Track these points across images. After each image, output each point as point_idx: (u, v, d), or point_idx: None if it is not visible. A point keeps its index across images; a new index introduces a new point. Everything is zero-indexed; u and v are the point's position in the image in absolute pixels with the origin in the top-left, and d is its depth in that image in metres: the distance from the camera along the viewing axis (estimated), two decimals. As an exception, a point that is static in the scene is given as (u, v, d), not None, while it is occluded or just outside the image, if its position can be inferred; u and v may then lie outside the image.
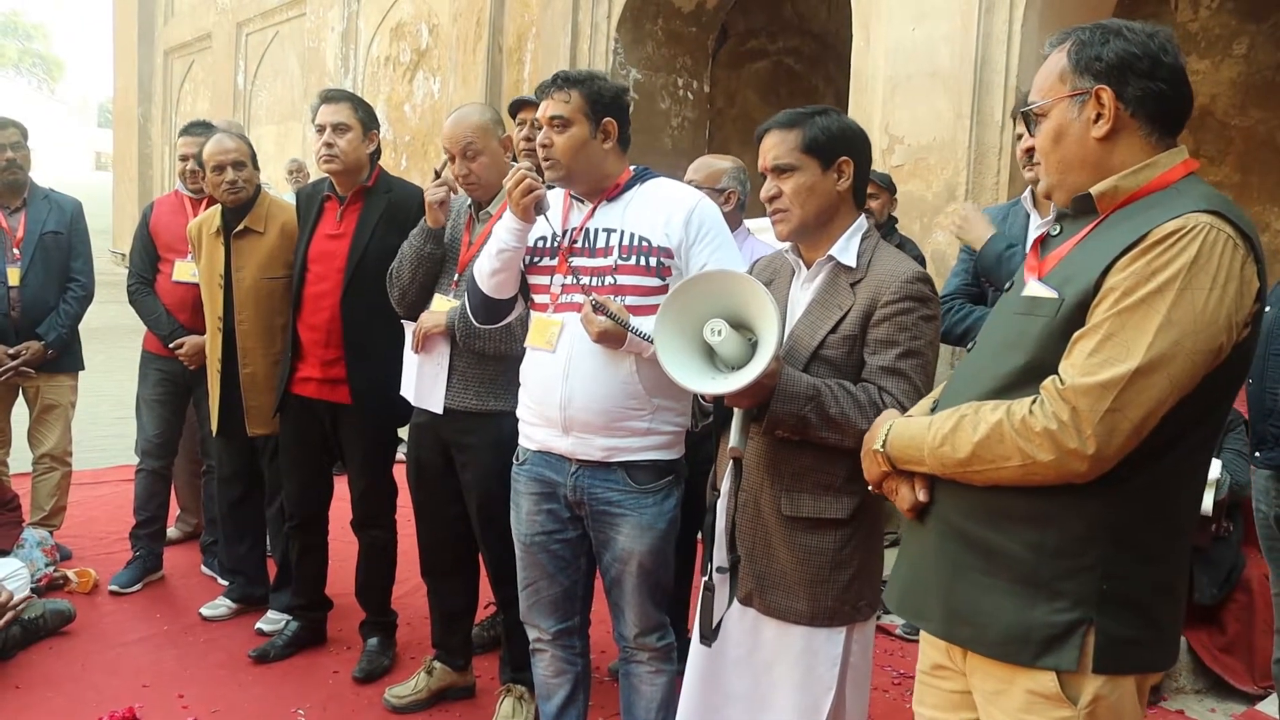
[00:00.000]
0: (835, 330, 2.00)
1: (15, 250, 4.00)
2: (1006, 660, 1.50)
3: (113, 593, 3.94)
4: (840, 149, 2.03)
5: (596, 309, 2.19)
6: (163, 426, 4.06)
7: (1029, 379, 1.47)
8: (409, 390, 2.97)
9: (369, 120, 3.23)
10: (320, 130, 3.16)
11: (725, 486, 2.11)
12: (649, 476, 2.34)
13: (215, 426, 3.65)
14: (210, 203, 3.78)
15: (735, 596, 2.09)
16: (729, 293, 1.94)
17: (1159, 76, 1.48)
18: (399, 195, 3.24)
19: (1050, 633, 1.46)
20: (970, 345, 1.72)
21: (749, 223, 3.33)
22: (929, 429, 1.56)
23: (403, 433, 3.26)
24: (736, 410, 1.98)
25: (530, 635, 2.58)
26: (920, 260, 3.78)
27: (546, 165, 2.34)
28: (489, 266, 2.40)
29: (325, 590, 3.63)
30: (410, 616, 3.69)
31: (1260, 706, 3.36)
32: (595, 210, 2.39)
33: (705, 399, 2.13)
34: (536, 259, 2.42)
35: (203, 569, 4.26)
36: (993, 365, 1.56)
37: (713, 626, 2.05)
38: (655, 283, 2.30)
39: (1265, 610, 3.40)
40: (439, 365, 2.87)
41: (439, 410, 2.87)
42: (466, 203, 2.95)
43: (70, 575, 3.96)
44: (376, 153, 3.29)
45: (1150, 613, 1.48)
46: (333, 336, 3.20)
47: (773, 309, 1.87)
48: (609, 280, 2.31)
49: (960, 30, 4.59)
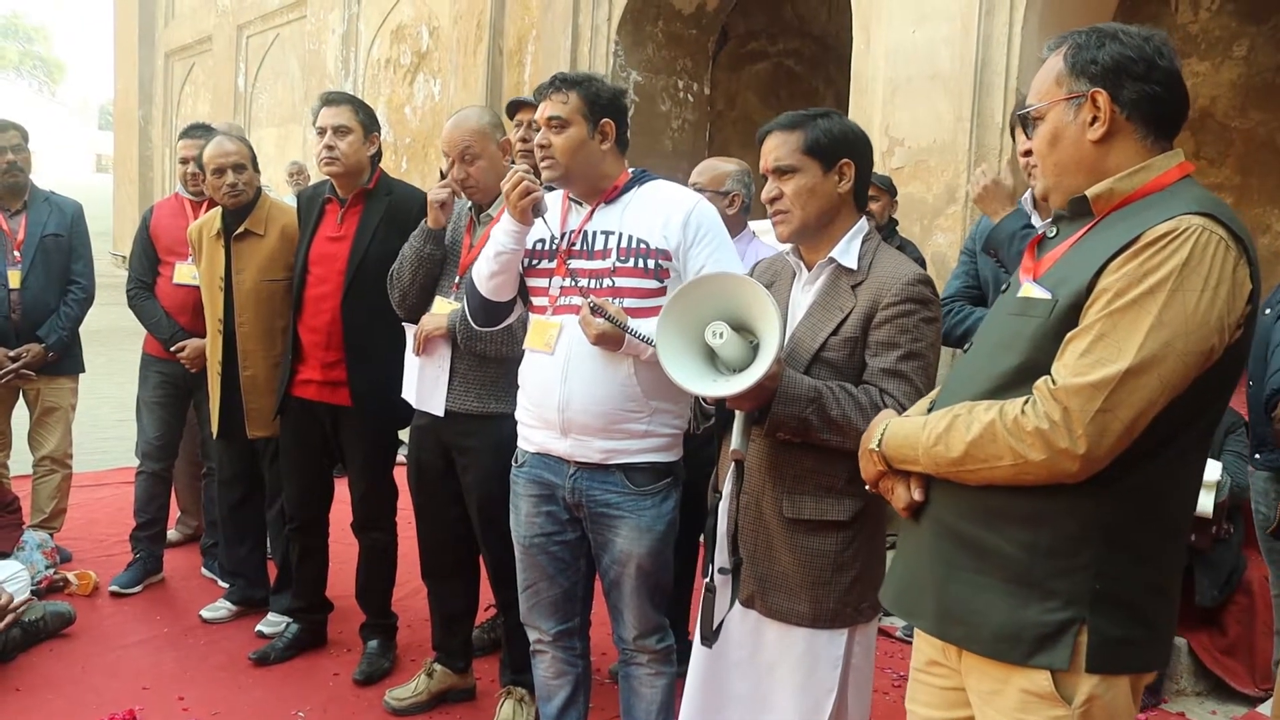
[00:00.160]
0: (836, 332, 2.00)
1: (16, 253, 4.01)
2: (999, 659, 1.51)
3: (113, 595, 3.94)
4: (842, 151, 2.03)
5: (594, 311, 2.19)
6: (163, 429, 4.07)
7: (1023, 379, 1.48)
8: (410, 393, 2.97)
9: (370, 123, 3.24)
10: (321, 133, 3.16)
11: (727, 489, 2.11)
12: (647, 479, 2.34)
13: (215, 429, 3.65)
14: (211, 205, 3.79)
15: (737, 598, 2.09)
16: (730, 295, 1.95)
17: (1154, 79, 1.49)
18: (400, 197, 3.24)
19: (1043, 632, 1.47)
20: (967, 346, 1.73)
21: (753, 224, 3.33)
22: (923, 428, 1.57)
23: (403, 435, 3.26)
24: (738, 413, 1.99)
25: (531, 636, 2.58)
26: (921, 262, 3.78)
27: (544, 165, 2.34)
28: (487, 269, 2.40)
29: (325, 592, 3.63)
30: (410, 619, 3.69)
31: (1261, 709, 3.35)
32: (593, 212, 2.39)
33: (707, 401, 2.13)
34: (535, 261, 2.42)
35: (203, 571, 4.26)
36: (988, 366, 1.57)
37: (713, 628, 2.05)
38: (653, 285, 2.30)
39: (1266, 612, 3.40)
40: (440, 368, 2.87)
41: (440, 412, 2.87)
42: (467, 205, 2.95)
43: (70, 577, 3.96)
44: (377, 155, 3.29)
45: (1143, 612, 1.48)
46: (333, 339, 3.20)
47: (774, 311, 1.87)
48: (607, 282, 2.31)
49: (960, 32, 4.59)
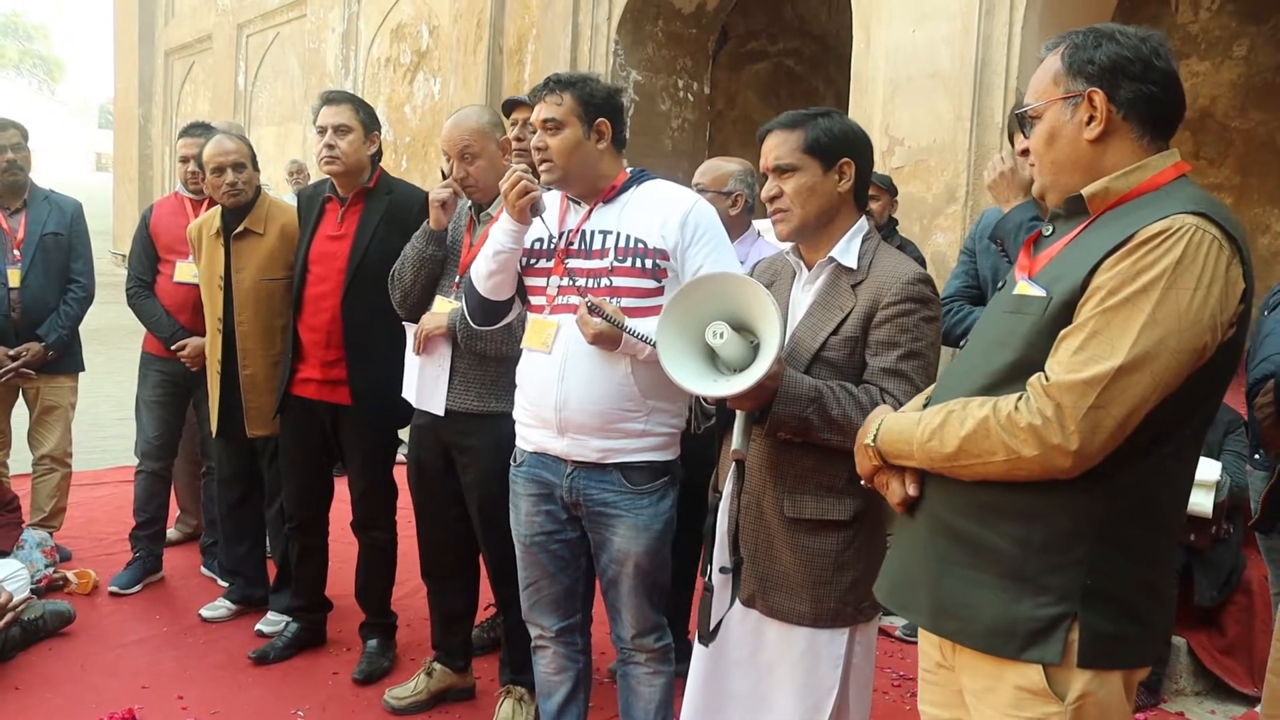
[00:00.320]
0: (837, 332, 2.00)
1: (15, 251, 4.00)
2: (991, 653, 1.52)
3: (112, 594, 3.94)
4: (842, 150, 2.03)
5: (592, 310, 2.20)
6: (162, 428, 4.06)
7: (1017, 376, 1.49)
8: (410, 392, 2.97)
9: (370, 122, 3.24)
10: (321, 132, 3.16)
11: (728, 489, 2.11)
12: (644, 477, 2.35)
13: (215, 428, 3.65)
14: (211, 204, 3.79)
15: (738, 598, 2.09)
16: (731, 295, 1.95)
17: (1151, 80, 1.50)
18: (400, 196, 3.24)
19: (1035, 626, 1.47)
20: (962, 344, 1.73)
21: (758, 224, 3.33)
22: (918, 424, 1.58)
23: (403, 434, 3.26)
24: (739, 412, 1.99)
25: (532, 633, 2.58)
26: (921, 262, 3.78)
27: (542, 168, 2.35)
28: (486, 268, 2.40)
29: (325, 591, 3.63)
30: (410, 618, 3.69)
31: (1260, 708, 3.35)
32: (591, 212, 2.39)
33: (708, 401, 2.13)
34: (533, 261, 2.42)
35: (202, 570, 4.26)
36: (983, 363, 1.58)
37: (710, 628, 2.05)
38: (651, 285, 2.31)
39: (1265, 612, 3.40)
40: (440, 367, 2.87)
41: (440, 412, 2.87)
42: (467, 205, 2.95)
43: (70, 576, 3.95)
44: (378, 154, 3.29)
45: (1135, 608, 1.49)
46: (333, 338, 3.20)
47: (774, 311, 1.87)
48: (605, 282, 2.31)
49: (960, 32, 4.60)
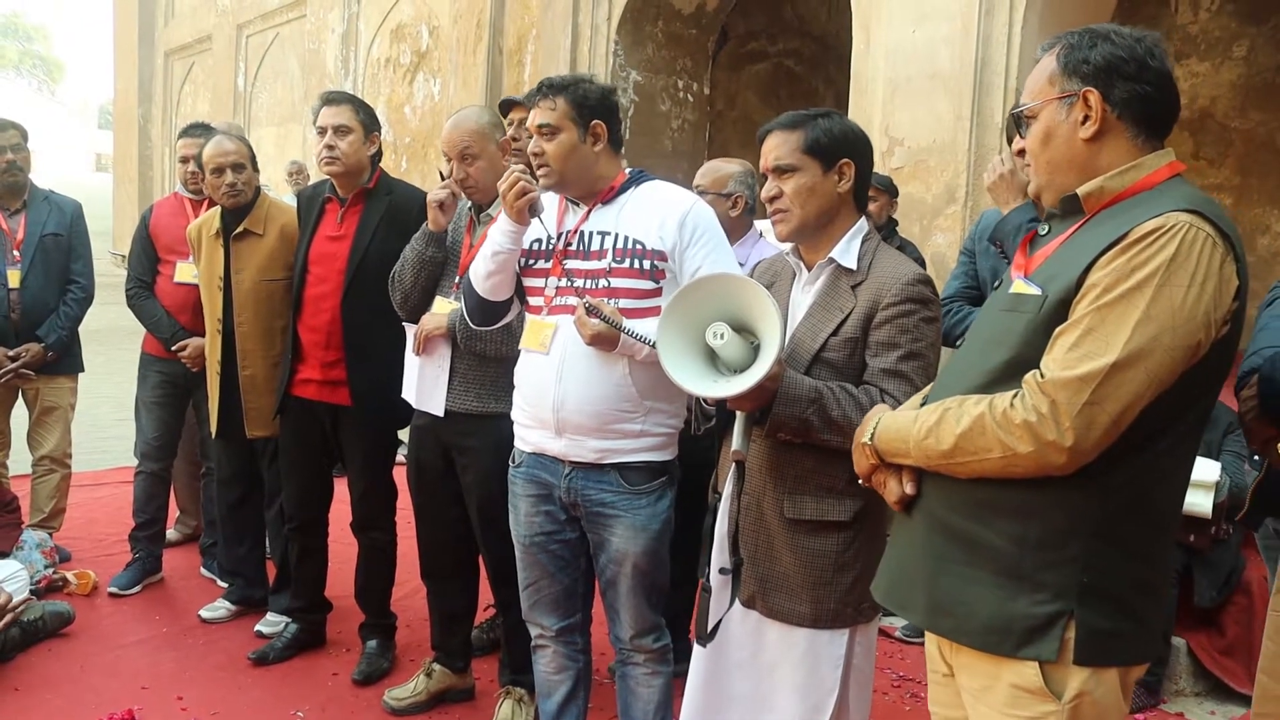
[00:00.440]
0: (837, 333, 2.00)
1: (15, 252, 4.00)
2: (988, 650, 1.53)
3: (112, 595, 3.94)
4: (842, 151, 2.03)
5: (590, 311, 2.20)
6: (162, 429, 4.06)
7: (1013, 374, 1.50)
8: (410, 392, 2.97)
9: (370, 122, 3.23)
10: (321, 132, 3.16)
11: (727, 489, 2.11)
12: (642, 478, 2.35)
13: (214, 428, 3.65)
14: (210, 204, 3.79)
15: (738, 599, 2.09)
16: (731, 296, 1.95)
17: (1145, 79, 1.51)
18: (400, 197, 3.24)
19: (1031, 624, 1.48)
20: (959, 343, 1.74)
21: (760, 224, 3.33)
22: (914, 422, 1.59)
23: (403, 435, 3.26)
24: (739, 413, 1.99)
25: (532, 632, 2.58)
26: (920, 262, 3.78)
27: (540, 173, 2.35)
28: (484, 269, 2.41)
29: (325, 592, 3.63)
30: (410, 619, 3.69)
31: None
32: (590, 213, 2.39)
33: (708, 402, 2.13)
34: (531, 261, 2.43)
35: (202, 571, 4.26)
36: (979, 361, 1.58)
37: (709, 629, 2.05)
38: (649, 286, 2.31)
39: (1265, 613, 3.39)
40: (440, 367, 2.87)
41: (440, 412, 2.87)
42: (468, 205, 2.95)
43: (69, 577, 3.95)
44: (378, 155, 3.29)
45: (1130, 606, 1.50)
46: (333, 338, 3.20)
47: (775, 312, 1.87)
48: (603, 283, 2.31)
49: (960, 32, 4.59)
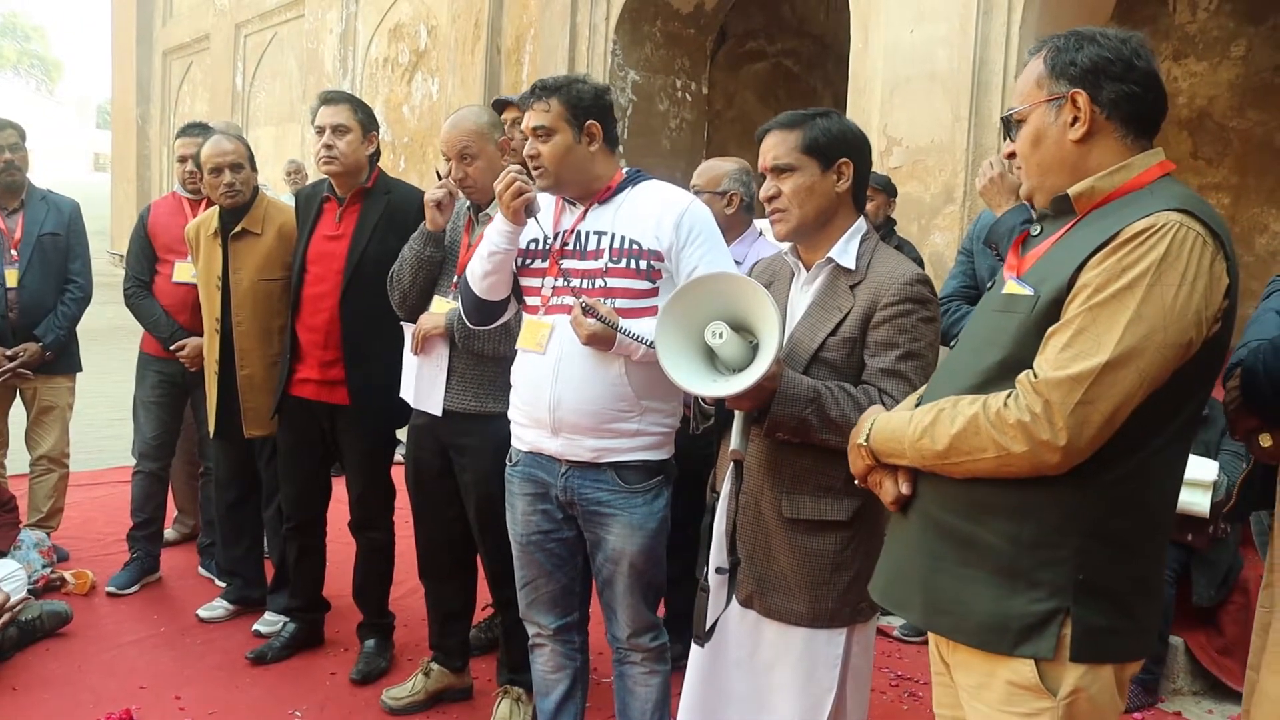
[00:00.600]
0: (835, 332, 2.00)
1: (13, 252, 4.00)
2: (985, 649, 1.53)
3: (110, 594, 3.94)
4: (840, 150, 2.04)
5: (586, 311, 2.20)
6: (160, 428, 4.06)
7: (1006, 374, 1.51)
8: (408, 392, 2.97)
9: (368, 122, 3.23)
10: (320, 132, 3.16)
11: (726, 489, 2.11)
12: (638, 476, 2.35)
13: (213, 428, 3.65)
14: (209, 204, 3.78)
15: (735, 598, 2.09)
16: (730, 295, 1.95)
17: (1132, 80, 1.52)
18: (398, 197, 3.24)
19: (1028, 622, 1.49)
20: (953, 343, 1.74)
21: (759, 222, 3.33)
22: (909, 423, 1.59)
23: (401, 434, 3.26)
24: (737, 413, 1.99)
25: (530, 631, 2.58)
26: (919, 262, 3.78)
27: (536, 174, 2.36)
28: (481, 269, 2.41)
29: (323, 592, 3.63)
30: (408, 618, 3.68)
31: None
32: (586, 213, 2.39)
33: (706, 401, 2.13)
34: (528, 261, 2.43)
35: (200, 570, 4.26)
36: (973, 361, 1.59)
37: (705, 628, 2.05)
38: (645, 285, 2.31)
39: (1261, 611, 3.40)
40: (438, 367, 2.87)
41: (438, 412, 2.87)
42: (466, 205, 2.95)
43: (67, 577, 3.95)
44: (376, 154, 3.29)
45: (1126, 603, 1.51)
46: (331, 338, 3.20)
47: (773, 312, 1.87)
48: (599, 283, 2.31)
49: (958, 32, 4.60)
